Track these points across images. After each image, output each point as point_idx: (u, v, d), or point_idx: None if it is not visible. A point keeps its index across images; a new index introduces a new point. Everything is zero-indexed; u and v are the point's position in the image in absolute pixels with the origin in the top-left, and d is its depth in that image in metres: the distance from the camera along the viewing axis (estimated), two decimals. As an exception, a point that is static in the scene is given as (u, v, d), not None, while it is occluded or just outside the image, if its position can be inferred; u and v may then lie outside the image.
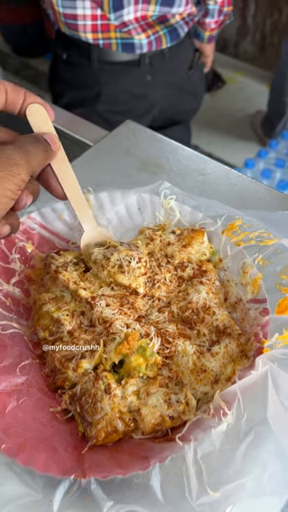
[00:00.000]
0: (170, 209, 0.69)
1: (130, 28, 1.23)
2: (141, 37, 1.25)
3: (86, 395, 0.52)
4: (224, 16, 1.43)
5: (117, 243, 0.64)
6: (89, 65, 1.30)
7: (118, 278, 0.60)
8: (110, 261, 0.61)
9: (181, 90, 1.46)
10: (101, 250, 0.63)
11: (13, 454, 0.48)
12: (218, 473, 0.46)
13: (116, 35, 1.24)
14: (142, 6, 1.20)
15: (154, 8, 1.21)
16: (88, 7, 1.19)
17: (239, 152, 2.50)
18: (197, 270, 0.63)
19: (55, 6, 1.21)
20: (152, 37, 1.27)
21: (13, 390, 0.54)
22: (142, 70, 1.33)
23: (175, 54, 1.36)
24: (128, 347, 0.54)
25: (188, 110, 1.57)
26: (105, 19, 1.21)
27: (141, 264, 0.61)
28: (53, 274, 0.62)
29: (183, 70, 1.43)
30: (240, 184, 0.78)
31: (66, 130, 0.91)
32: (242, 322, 0.60)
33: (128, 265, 0.60)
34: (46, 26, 2.94)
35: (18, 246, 0.65)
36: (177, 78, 1.42)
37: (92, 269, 0.63)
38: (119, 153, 0.83)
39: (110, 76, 1.33)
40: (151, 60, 1.32)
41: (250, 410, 0.49)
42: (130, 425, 0.51)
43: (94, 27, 1.22)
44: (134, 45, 1.27)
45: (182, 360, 0.56)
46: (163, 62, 1.34)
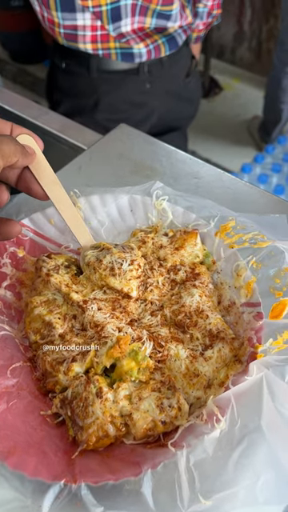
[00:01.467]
0: (162, 210, 0.68)
1: (128, 38, 1.24)
2: (140, 46, 1.26)
3: (77, 399, 0.51)
4: (212, 18, 1.45)
5: (111, 245, 0.63)
6: (88, 74, 1.31)
7: (109, 282, 0.59)
8: (102, 263, 0.60)
9: (179, 98, 1.47)
10: (94, 252, 0.62)
11: (2, 458, 0.47)
12: (211, 480, 0.45)
13: (115, 45, 1.25)
14: (138, 19, 1.21)
15: (151, 21, 1.22)
16: (88, 18, 1.19)
17: (236, 157, 2.50)
18: (190, 273, 0.63)
19: (55, 19, 1.21)
20: (151, 46, 1.28)
21: (3, 392, 0.53)
22: (141, 79, 1.34)
23: (174, 62, 1.37)
24: (120, 351, 0.53)
25: (185, 117, 1.58)
26: (104, 30, 1.21)
27: (133, 267, 0.60)
28: (44, 277, 0.62)
29: (181, 77, 1.44)
30: (234, 187, 0.78)
31: (61, 133, 0.91)
32: (235, 326, 0.59)
33: (119, 267, 0.59)
34: (44, 33, 2.95)
35: (8, 252, 0.64)
36: (175, 86, 1.43)
37: (85, 272, 0.62)
38: (113, 156, 0.83)
39: (109, 85, 1.33)
40: (150, 68, 1.33)
41: (243, 416, 0.48)
42: (122, 429, 0.50)
43: (93, 38, 1.23)
44: (133, 54, 1.28)
45: (175, 364, 0.55)
46: (162, 69, 1.35)
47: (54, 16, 1.21)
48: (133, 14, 1.19)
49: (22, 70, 3.26)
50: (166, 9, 1.20)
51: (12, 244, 0.65)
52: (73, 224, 0.62)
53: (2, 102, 1.00)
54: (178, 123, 1.56)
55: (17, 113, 0.98)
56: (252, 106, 2.88)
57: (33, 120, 0.96)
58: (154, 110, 1.42)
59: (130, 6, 1.17)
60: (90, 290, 0.61)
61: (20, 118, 0.97)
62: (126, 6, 1.17)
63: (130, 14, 1.18)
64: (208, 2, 1.37)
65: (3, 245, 0.64)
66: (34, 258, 0.66)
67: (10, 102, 1.01)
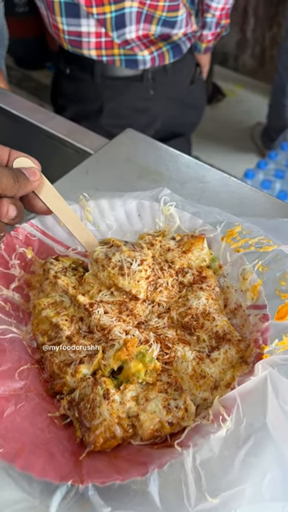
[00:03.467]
0: (169, 215, 0.69)
1: (132, 45, 1.25)
2: (144, 53, 1.27)
3: (85, 400, 0.51)
4: (221, 28, 1.45)
5: (120, 242, 0.63)
6: (92, 80, 1.32)
7: (117, 282, 0.60)
8: (110, 261, 0.60)
9: (182, 104, 1.47)
10: (103, 248, 0.62)
11: (10, 459, 0.47)
12: (217, 479, 0.46)
13: (120, 52, 1.26)
14: (143, 26, 1.21)
15: (155, 28, 1.23)
16: (92, 25, 1.20)
17: (238, 163, 2.51)
18: (197, 276, 0.63)
19: (59, 25, 1.22)
20: (155, 53, 1.29)
21: (11, 394, 0.54)
22: (145, 85, 1.35)
23: (178, 69, 1.37)
24: (127, 353, 0.53)
25: (189, 124, 1.59)
26: (108, 36, 1.22)
27: (142, 267, 0.60)
28: (52, 279, 0.62)
29: (185, 84, 1.44)
30: (239, 191, 0.78)
31: (67, 137, 0.92)
32: (241, 328, 0.60)
33: (129, 267, 0.60)
34: (48, 40, 2.98)
35: (18, 252, 0.65)
36: (179, 93, 1.44)
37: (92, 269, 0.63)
38: (120, 160, 0.84)
39: (113, 91, 1.34)
40: (154, 75, 1.33)
41: (249, 415, 0.48)
42: (129, 431, 0.51)
43: (97, 44, 1.24)
44: (137, 61, 1.28)
45: (182, 366, 0.55)
46: (166, 76, 1.36)
47: (59, 22, 1.22)
48: (137, 21, 1.20)
49: (27, 76, 3.28)
50: (171, 15, 1.21)
51: (21, 244, 0.66)
52: (79, 234, 0.64)
53: (9, 107, 1.01)
54: (181, 129, 1.57)
55: (23, 117, 0.99)
56: (255, 113, 2.89)
57: (39, 124, 0.97)
58: (157, 116, 1.43)
59: (135, 13, 1.18)
60: (97, 289, 0.61)
61: (27, 122, 0.98)
62: (130, 14, 1.18)
63: (134, 21, 1.19)
64: (216, 12, 1.38)
65: (13, 245, 0.65)
66: (41, 260, 0.67)
67: (16, 106, 1.02)
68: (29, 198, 0.59)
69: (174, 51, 1.33)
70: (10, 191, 0.53)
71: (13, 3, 2.84)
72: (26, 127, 0.98)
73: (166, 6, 1.19)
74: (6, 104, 1.03)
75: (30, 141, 0.98)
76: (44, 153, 0.95)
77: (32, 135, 0.97)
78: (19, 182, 0.54)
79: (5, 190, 0.52)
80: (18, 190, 0.54)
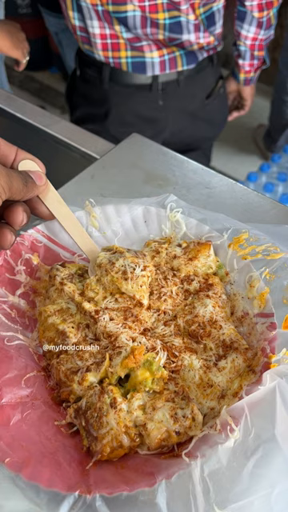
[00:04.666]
0: (176, 222, 0.69)
1: (143, 44, 1.21)
2: (153, 54, 1.23)
3: (92, 409, 0.51)
4: (258, 60, 1.41)
5: (124, 249, 0.63)
6: (100, 83, 1.30)
7: (120, 286, 0.59)
8: (114, 266, 0.60)
9: (194, 118, 1.42)
10: (107, 254, 0.62)
11: (17, 469, 0.47)
12: (225, 491, 0.46)
13: (127, 54, 1.23)
14: (151, 30, 1.18)
15: (164, 33, 1.20)
16: (96, 26, 1.19)
17: (241, 166, 2.51)
18: (203, 284, 0.63)
19: (71, 20, 1.21)
20: (166, 56, 1.25)
21: (17, 402, 0.53)
22: (154, 95, 1.31)
23: (192, 82, 1.33)
24: (134, 361, 0.53)
25: (202, 138, 1.52)
26: (115, 38, 1.20)
27: (145, 273, 0.60)
28: (58, 286, 0.62)
29: (199, 98, 1.39)
30: (245, 198, 0.78)
31: (73, 142, 0.92)
32: (248, 337, 0.59)
33: (132, 272, 0.59)
34: (50, 41, 2.98)
35: (23, 258, 0.65)
36: (191, 106, 1.39)
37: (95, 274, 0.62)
38: (125, 165, 0.83)
39: (120, 97, 1.32)
40: (164, 86, 1.29)
41: (257, 426, 0.48)
42: (136, 440, 0.50)
43: (104, 46, 1.22)
44: (145, 64, 1.25)
45: (189, 374, 0.55)
46: (177, 88, 1.31)
47: (71, 17, 1.21)
48: (143, 24, 1.18)
49: (29, 77, 3.28)
50: (172, 15, 1.17)
51: (27, 250, 0.65)
52: (81, 240, 0.63)
53: (15, 110, 1.01)
54: (196, 143, 1.51)
55: (29, 121, 0.99)
56: (257, 115, 2.89)
57: (44, 128, 0.97)
58: (165, 127, 1.39)
59: (140, 17, 1.16)
60: (102, 296, 0.61)
61: (32, 126, 0.98)
62: (134, 17, 1.16)
63: (139, 24, 1.18)
64: (247, 41, 1.35)
65: (19, 251, 0.65)
66: (47, 266, 0.66)
67: (22, 110, 1.01)
68: (32, 202, 0.58)
69: (188, 57, 1.28)
70: (19, 195, 0.53)
71: (16, 4, 2.84)
72: (31, 131, 0.98)
73: (165, 4, 1.15)
74: (10, 107, 1.03)
75: (34, 144, 0.97)
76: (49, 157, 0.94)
77: (37, 139, 0.97)
78: (27, 186, 0.54)
79: (14, 194, 0.52)
80: (26, 194, 0.54)
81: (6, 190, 0.50)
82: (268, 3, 1.29)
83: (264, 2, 1.28)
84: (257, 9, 1.29)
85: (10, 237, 0.53)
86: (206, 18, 1.24)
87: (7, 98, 1.07)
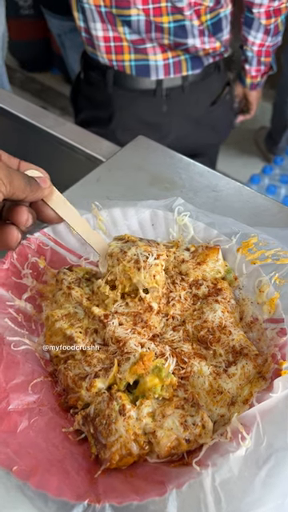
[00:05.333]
0: (183, 225, 0.68)
1: (147, 46, 1.20)
2: (157, 57, 1.22)
3: (100, 416, 0.50)
4: (264, 66, 1.40)
5: (136, 238, 0.62)
6: (104, 87, 1.29)
7: (132, 276, 0.58)
8: (126, 255, 0.59)
9: (198, 124, 1.41)
10: (118, 243, 0.61)
11: (25, 477, 0.46)
12: (237, 500, 0.45)
13: (130, 57, 1.22)
14: (155, 35, 1.17)
15: (169, 37, 1.19)
16: (99, 29, 1.18)
17: (243, 168, 2.50)
18: (212, 288, 0.62)
19: (77, 21, 1.20)
20: (171, 60, 1.23)
21: (24, 408, 0.53)
22: (158, 101, 1.30)
23: (197, 89, 1.31)
24: (143, 367, 0.52)
25: (206, 145, 1.51)
26: (118, 41, 1.19)
27: (159, 261, 0.59)
28: (65, 290, 0.61)
29: (204, 104, 1.38)
30: (252, 201, 0.77)
31: (78, 145, 0.91)
32: (258, 343, 0.59)
33: (145, 260, 0.58)
34: (52, 42, 2.97)
35: (30, 262, 0.64)
36: (196, 112, 1.37)
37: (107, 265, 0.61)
38: (131, 168, 0.83)
39: (124, 101, 1.31)
40: (169, 92, 1.28)
41: (269, 434, 0.47)
42: (145, 448, 0.49)
43: (107, 48, 1.21)
44: (149, 67, 1.23)
45: (198, 381, 0.54)
46: (182, 94, 1.30)
47: (77, 18, 1.20)
48: (147, 29, 1.16)
49: (30, 78, 3.28)
50: (177, 18, 1.16)
51: (33, 253, 0.65)
52: (91, 239, 0.62)
53: (18, 112, 1.00)
54: (200, 149, 1.49)
55: (33, 123, 0.98)
56: (259, 117, 2.87)
57: (49, 130, 0.96)
58: (169, 132, 1.37)
59: (144, 21, 1.15)
60: (112, 300, 0.60)
61: (37, 128, 0.98)
62: (138, 22, 1.15)
63: (144, 29, 1.16)
64: (254, 47, 1.33)
65: (25, 254, 0.64)
66: (54, 269, 0.65)
67: (26, 112, 1.01)
68: (38, 207, 0.58)
69: (193, 62, 1.26)
70: (22, 193, 0.52)
71: (17, 5, 2.84)
72: (36, 133, 0.97)
73: (170, 8, 1.14)
74: (14, 108, 1.02)
75: (39, 147, 0.97)
76: (54, 159, 0.94)
77: (42, 141, 0.97)
78: (31, 186, 0.53)
79: (16, 191, 0.51)
80: (29, 194, 0.53)
81: (5, 183, 0.49)
82: (276, 10, 1.27)
83: (272, 10, 1.26)
84: (264, 16, 1.28)
85: (16, 234, 0.53)
86: (212, 25, 1.22)
87: (11, 100, 1.06)
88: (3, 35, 1.64)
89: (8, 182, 0.49)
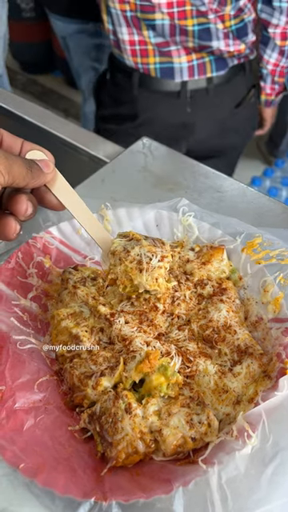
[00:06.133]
0: (188, 225, 0.68)
1: (171, 49, 1.21)
2: (181, 60, 1.22)
3: (106, 414, 0.50)
4: (278, 86, 1.39)
5: (141, 236, 0.59)
6: (130, 88, 1.30)
7: (134, 277, 0.56)
8: (129, 254, 0.56)
9: (222, 126, 1.40)
10: (122, 241, 0.58)
11: (32, 475, 0.46)
12: (243, 498, 0.45)
13: (155, 60, 1.23)
14: (180, 38, 1.18)
15: (193, 40, 1.18)
16: (125, 33, 1.19)
17: (244, 171, 2.50)
18: (217, 288, 0.63)
19: (105, 23, 1.21)
20: (195, 61, 1.23)
21: (30, 407, 0.53)
22: (182, 102, 1.30)
23: (221, 91, 1.31)
24: (149, 366, 0.52)
25: (228, 146, 1.49)
26: (143, 44, 1.20)
27: (163, 264, 0.56)
28: (71, 289, 0.61)
29: (229, 107, 1.37)
30: (256, 202, 0.78)
31: (82, 146, 0.92)
32: (263, 342, 0.59)
33: (148, 262, 0.56)
34: (54, 45, 2.98)
35: (35, 261, 0.64)
36: (220, 114, 1.37)
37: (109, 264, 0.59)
38: (135, 169, 0.83)
39: (148, 102, 1.31)
40: (193, 93, 1.28)
41: (275, 432, 0.48)
42: (151, 446, 0.50)
43: (133, 52, 1.22)
44: (173, 69, 1.24)
45: (204, 380, 0.54)
46: (206, 97, 1.30)
47: (105, 21, 1.21)
48: (172, 33, 1.16)
49: (32, 80, 3.29)
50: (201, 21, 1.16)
51: (39, 253, 0.65)
52: (93, 230, 0.59)
53: (23, 113, 1.01)
54: (221, 151, 1.48)
55: (37, 123, 0.99)
56: (260, 120, 2.89)
57: (53, 131, 0.97)
58: (192, 133, 1.38)
59: (168, 25, 1.15)
60: (118, 300, 0.60)
61: (39, 129, 0.98)
62: (163, 26, 1.15)
63: (168, 32, 1.16)
64: (268, 66, 1.32)
65: (31, 253, 0.64)
66: (59, 269, 0.66)
67: (30, 113, 1.01)
68: (41, 192, 0.54)
69: (218, 63, 1.26)
70: (23, 180, 0.49)
71: (19, 8, 2.85)
72: (39, 134, 0.97)
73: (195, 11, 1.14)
74: (18, 109, 1.03)
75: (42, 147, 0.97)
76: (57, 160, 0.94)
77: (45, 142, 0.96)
78: (32, 172, 0.50)
79: (16, 179, 0.48)
80: (31, 181, 0.50)
81: (4, 173, 0.46)
82: None
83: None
84: (279, 37, 1.26)
85: (14, 225, 0.50)
86: (236, 30, 1.22)
87: (14, 101, 1.06)
88: (4, 37, 1.65)
89: (6, 171, 0.46)
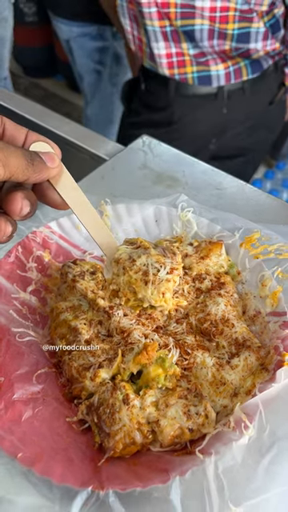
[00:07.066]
0: (187, 221, 0.69)
1: (208, 58, 1.21)
2: (218, 67, 1.23)
3: (104, 405, 0.51)
4: None
5: (150, 244, 0.55)
6: (165, 95, 1.30)
7: (138, 289, 0.53)
8: (134, 264, 0.53)
9: (255, 123, 1.41)
10: (128, 248, 0.54)
11: (29, 464, 0.47)
12: (240, 488, 0.45)
13: (192, 69, 1.23)
14: (217, 42, 1.18)
15: (230, 43, 1.19)
16: (162, 47, 1.19)
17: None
18: (215, 282, 0.63)
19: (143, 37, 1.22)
20: (231, 68, 1.24)
21: (28, 398, 0.53)
22: (219, 104, 1.31)
23: (257, 90, 1.31)
24: (147, 357, 0.53)
25: (257, 143, 1.49)
26: (180, 56, 1.21)
27: (172, 277, 0.52)
28: (70, 283, 0.62)
29: (263, 104, 1.38)
30: (256, 199, 0.78)
31: (82, 143, 0.92)
32: (261, 335, 0.59)
33: (155, 274, 0.52)
34: (56, 49, 3.00)
35: (35, 255, 0.65)
36: (255, 113, 1.38)
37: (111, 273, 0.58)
38: (135, 166, 0.84)
39: (185, 107, 1.32)
40: (230, 94, 1.29)
41: (272, 423, 0.48)
42: (149, 436, 0.50)
43: (169, 64, 1.23)
44: (210, 77, 1.25)
45: (201, 372, 0.55)
46: (243, 96, 1.31)
47: (143, 34, 1.21)
48: (210, 36, 1.17)
49: (34, 84, 3.31)
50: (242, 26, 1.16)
51: (38, 247, 0.65)
52: (97, 233, 0.55)
53: (25, 112, 1.02)
54: (250, 148, 1.49)
55: (38, 122, 1.00)
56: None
57: (53, 129, 0.97)
58: (225, 131, 1.38)
59: (207, 31, 1.15)
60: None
61: (41, 128, 0.99)
62: (201, 31, 1.15)
63: (206, 36, 1.17)
64: None
65: (30, 248, 0.65)
66: (58, 263, 0.66)
67: (30, 112, 1.02)
68: (43, 188, 0.50)
69: (253, 66, 1.26)
70: (22, 174, 0.44)
71: (22, 13, 2.87)
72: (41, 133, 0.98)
73: (237, 16, 1.14)
74: (19, 108, 1.04)
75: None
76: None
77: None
78: (34, 165, 0.45)
79: (15, 173, 0.43)
80: (32, 175, 0.45)
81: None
82: None
83: None
84: None
85: (3, 227, 0.46)
86: (270, 26, 1.22)
87: (16, 101, 1.07)
88: (10, 39, 1.67)
89: (2, 163, 0.42)
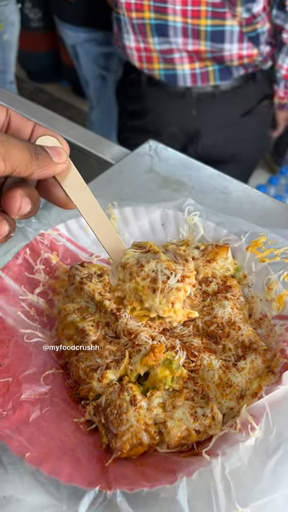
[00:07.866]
0: (193, 225, 0.69)
1: (175, 56, 1.23)
2: (184, 67, 1.25)
3: (111, 406, 0.51)
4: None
5: (159, 249, 0.50)
6: (139, 85, 1.34)
7: (145, 298, 0.47)
8: (142, 269, 0.47)
9: (228, 133, 1.40)
10: (136, 252, 0.49)
11: (38, 463, 0.47)
12: (247, 489, 0.46)
13: (159, 66, 1.26)
14: (192, 41, 1.19)
15: (205, 43, 1.19)
16: (132, 40, 1.23)
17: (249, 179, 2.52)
18: (221, 286, 0.63)
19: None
20: (198, 70, 1.25)
21: (36, 399, 0.54)
22: (188, 104, 1.32)
23: (229, 97, 1.32)
24: (154, 359, 0.53)
25: (236, 154, 1.47)
26: (148, 51, 1.24)
27: (183, 286, 0.46)
28: (77, 285, 0.62)
29: (235, 114, 1.38)
30: (262, 203, 0.79)
31: (88, 148, 0.93)
32: (267, 338, 0.59)
33: (165, 281, 0.46)
34: (62, 54, 3.02)
35: (43, 258, 0.65)
36: (226, 121, 1.38)
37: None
38: (142, 170, 0.84)
39: (156, 100, 1.35)
40: (199, 96, 1.30)
41: (279, 424, 0.48)
42: (156, 437, 0.50)
43: (139, 58, 1.27)
44: (176, 76, 1.27)
45: (208, 374, 0.55)
46: (213, 100, 1.31)
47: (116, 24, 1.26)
48: (184, 35, 1.18)
49: (39, 89, 3.32)
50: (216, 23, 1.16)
51: (46, 249, 0.66)
52: (103, 236, 0.50)
53: (31, 117, 1.02)
54: (231, 158, 1.46)
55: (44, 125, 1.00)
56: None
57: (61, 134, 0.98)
58: (198, 137, 1.38)
59: (181, 28, 1.17)
60: None
61: (48, 132, 0.99)
62: (175, 28, 1.17)
63: (180, 33, 1.18)
64: (281, 70, 1.32)
65: (38, 250, 0.65)
66: (66, 265, 0.67)
67: (37, 116, 1.03)
68: (48, 185, 0.46)
69: (222, 73, 1.27)
70: (26, 169, 0.41)
71: (28, 18, 2.89)
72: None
73: (210, 12, 1.13)
74: (24, 112, 1.04)
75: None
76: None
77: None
78: (38, 159, 0.42)
79: (18, 168, 0.40)
80: (36, 170, 0.42)
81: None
82: None
83: None
84: None
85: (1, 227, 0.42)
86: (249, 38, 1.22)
87: (22, 105, 1.08)
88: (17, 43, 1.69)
89: (3, 157, 0.39)
